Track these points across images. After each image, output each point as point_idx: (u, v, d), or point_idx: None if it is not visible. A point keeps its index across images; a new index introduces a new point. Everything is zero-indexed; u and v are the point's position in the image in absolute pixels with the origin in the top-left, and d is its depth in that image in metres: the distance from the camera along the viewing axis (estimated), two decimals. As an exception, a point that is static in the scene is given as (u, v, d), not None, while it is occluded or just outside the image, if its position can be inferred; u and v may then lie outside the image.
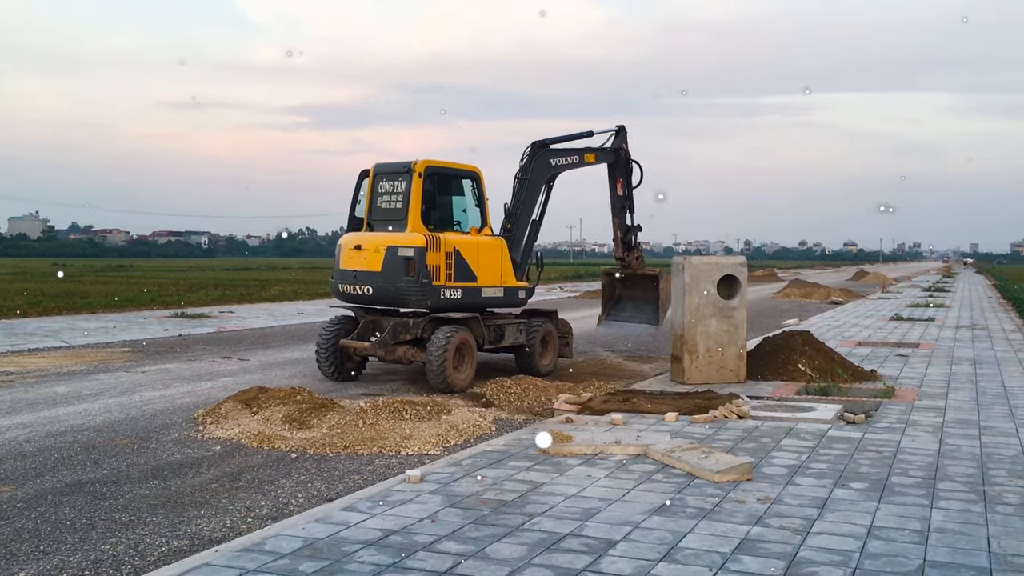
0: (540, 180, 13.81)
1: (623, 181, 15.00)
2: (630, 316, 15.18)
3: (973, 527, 5.62)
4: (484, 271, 12.64)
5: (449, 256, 12.12)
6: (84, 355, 15.70)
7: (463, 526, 5.58)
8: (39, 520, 6.27)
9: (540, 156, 13.65)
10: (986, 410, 9.90)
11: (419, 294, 11.90)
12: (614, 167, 15.01)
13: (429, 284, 11.88)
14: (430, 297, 11.96)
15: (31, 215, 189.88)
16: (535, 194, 13.71)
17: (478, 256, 12.57)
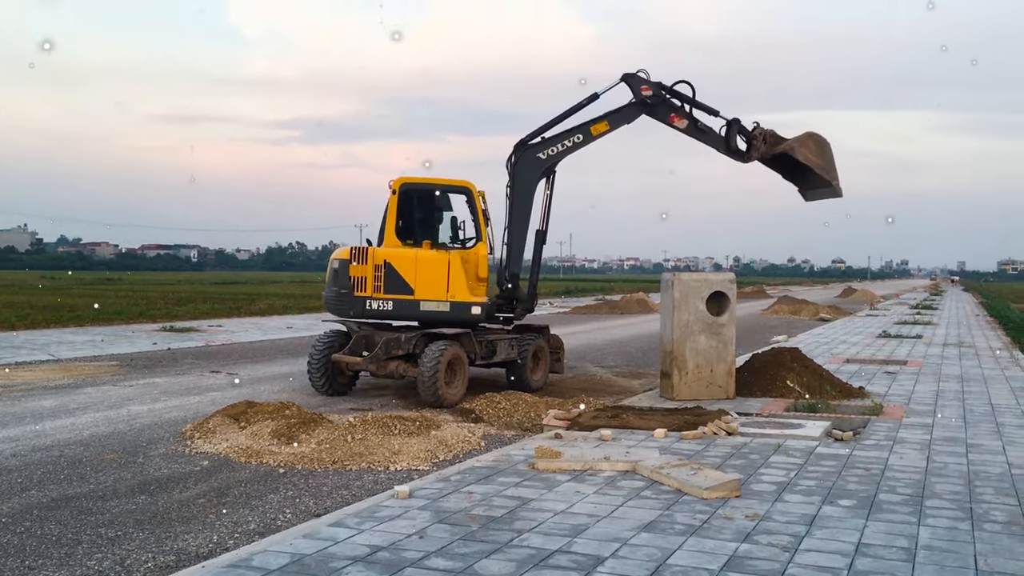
0: (530, 182, 13.07)
1: (676, 115, 13.09)
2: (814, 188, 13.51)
3: (960, 545, 5.64)
4: (423, 285, 12.59)
5: (378, 269, 12.52)
6: (71, 369, 15.62)
7: (452, 542, 5.56)
8: (24, 535, 6.22)
9: (523, 156, 13.01)
10: (973, 427, 9.94)
11: (340, 303, 12.68)
12: (655, 111, 13.12)
13: (350, 294, 12.53)
14: (352, 307, 12.60)
15: (19, 228, 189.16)
16: (526, 200, 13.09)
17: (415, 270, 12.61)
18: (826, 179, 12.93)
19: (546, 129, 13.01)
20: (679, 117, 13.10)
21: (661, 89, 13.02)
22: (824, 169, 12.93)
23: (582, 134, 12.98)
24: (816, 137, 13.07)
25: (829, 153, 13.05)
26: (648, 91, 12.97)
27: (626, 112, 13.08)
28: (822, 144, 13.03)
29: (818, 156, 12.91)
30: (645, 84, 13.03)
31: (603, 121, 13.01)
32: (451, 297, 12.61)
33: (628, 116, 13.09)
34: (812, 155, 12.86)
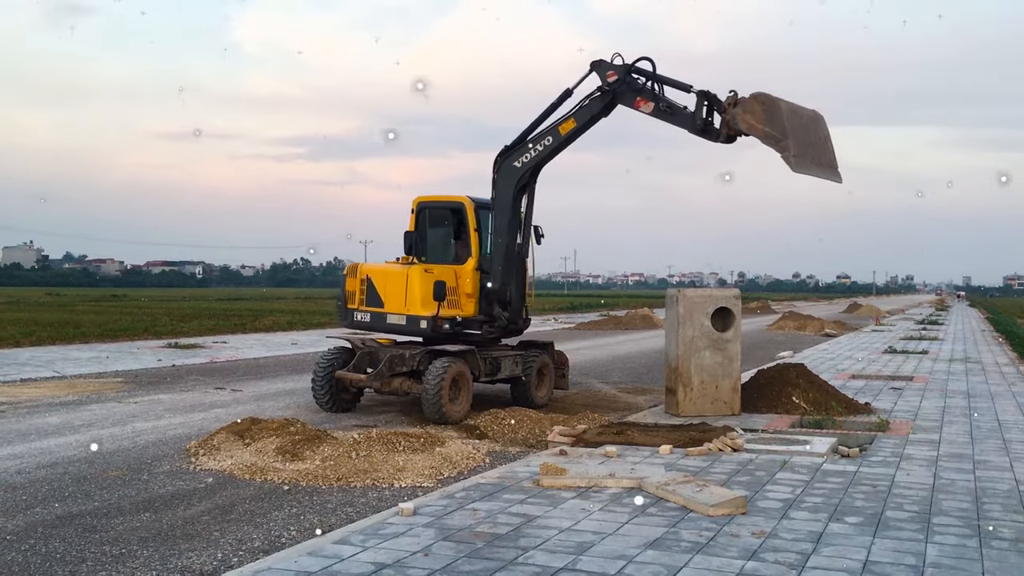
0: (507, 194, 12.67)
1: (642, 98, 12.00)
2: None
3: (968, 562, 5.60)
4: (390, 298, 12.85)
5: (363, 283, 13.11)
6: (76, 385, 15.63)
7: (456, 559, 5.54)
8: (29, 552, 6.21)
9: (502, 166, 12.69)
10: (980, 444, 9.90)
11: (339, 314, 13.57)
12: (621, 96, 12.13)
13: (343, 306, 13.38)
14: (344, 318, 13.39)
15: (25, 244, 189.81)
16: (504, 212, 12.72)
17: (385, 284, 12.90)
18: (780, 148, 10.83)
19: (527, 134, 12.60)
20: (644, 100, 11.94)
21: (627, 72, 12.03)
22: (772, 137, 10.87)
23: (552, 136, 12.38)
24: (761, 98, 11.07)
25: (780, 117, 10.85)
26: (613, 76, 12.00)
27: (591, 104, 12.22)
28: (769, 106, 10.94)
29: (765, 122, 10.93)
30: (611, 69, 12.09)
31: (570, 118, 12.29)
32: (408, 310, 12.66)
33: (592, 108, 12.22)
34: (757, 121, 10.97)
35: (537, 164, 12.59)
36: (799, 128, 10.98)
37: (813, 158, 11.12)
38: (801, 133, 10.98)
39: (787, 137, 10.72)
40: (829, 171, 11.37)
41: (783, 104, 10.95)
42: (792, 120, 10.94)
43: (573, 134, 12.34)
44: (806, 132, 11.12)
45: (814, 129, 11.27)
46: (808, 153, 11.06)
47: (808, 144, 11.04)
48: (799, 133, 10.93)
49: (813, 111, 11.44)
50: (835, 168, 11.43)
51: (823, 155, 11.28)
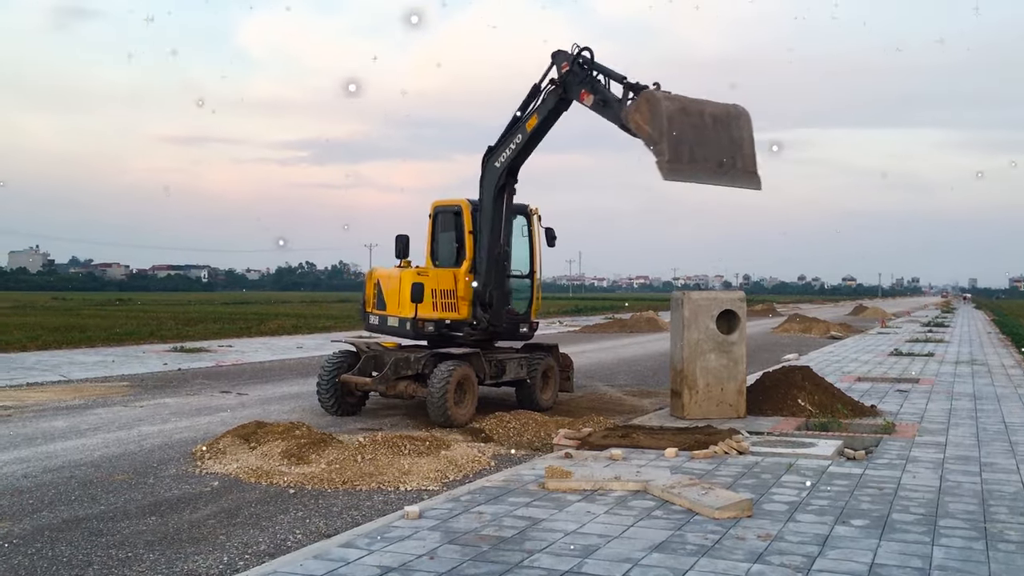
0: (488, 195, 12.66)
1: (586, 90, 11.53)
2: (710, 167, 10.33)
3: (975, 565, 5.59)
4: (390, 301, 13.08)
5: (375, 287, 13.40)
6: (82, 389, 15.67)
7: (462, 563, 5.54)
8: (35, 556, 6.23)
9: (486, 167, 12.69)
10: (987, 446, 9.87)
11: (361, 317, 13.89)
12: (571, 89, 11.72)
13: (362, 309, 13.77)
14: (363, 320, 13.74)
15: (31, 249, 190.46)
16: (486, 213, 12.69)
17: (387, 287, 13.12)
18: (656, 152, 9.78)
19: (507, 133, 12.49)
20: (587, 92, 11.45)
21: (573, 61, 11.59)
22: (651, 139, 9.98)
23: (520, 133, 12.23)
24: (647, 95, 10.20)
25: (660, 118, 9.88)
26: (566, 68, 11.60)
27: (547, 99, 11.95)
28: (653, 104, 10.02)
29: (649, 122, 10.05)
30: (565, 60, 11.67)
31: (533, 114, 12.07)
32: (400, 312, 12.84)
33: (548, 103, 11.94)
34: (643, 121, 10.14)
35: (512, 163, 12.47)
36: (689, 129, 9.99)
37: (710, 163, 10.02)
38: (693, 135, 9.99)
39: (661, 140, 9.84)
40: (733, 177, 10.17)
41: (665, 104, 10.02)
42: (678, 122, 9.99)
43: (537, 130, 12.15)
44: (702, 134, 10.08)
45: (720, 130, 10.14)
46: (700, 157, 10.01)
47: (705, 147, 10.00)
48: (688, 135, 9.95)
49: (728, 109, 10.27)
50: (746, 172, 10.18)
51: (732, 159, 10.13)
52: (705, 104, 10.10)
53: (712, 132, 10.02)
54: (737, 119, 10.07)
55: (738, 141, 10.04)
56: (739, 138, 10.04)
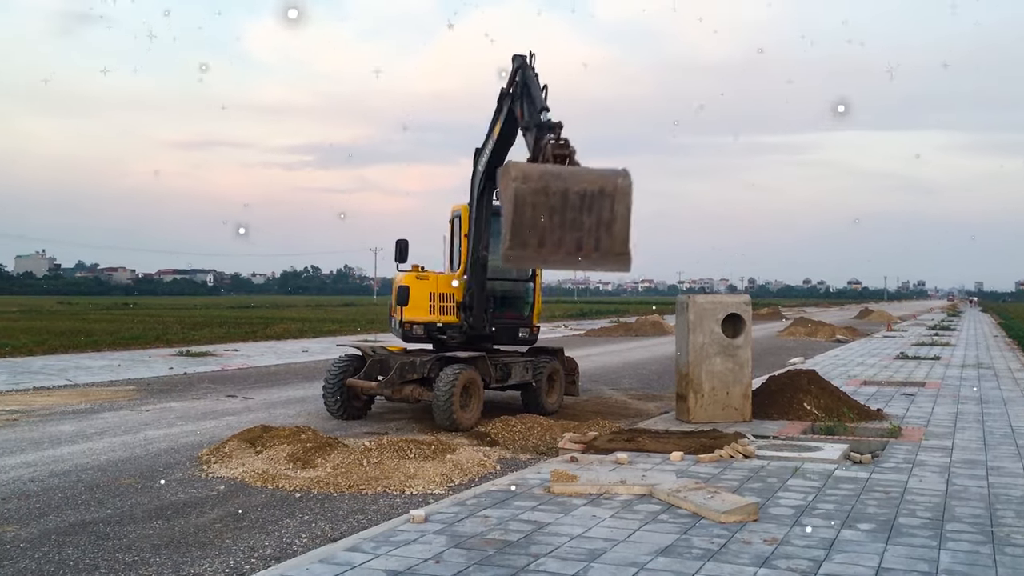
0: (472, 198, 12.70)
1: (522, 109, 11.11)
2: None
3: (982, 569, 5.57)
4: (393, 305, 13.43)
5: (397, 292, 13.26)
6: (89, 393, 15.70)
7: (467, 567, 5.55)
8: (42, 560, 6.24)
9: (473, 169, 12.74)
10: (993, 450, 9.85)
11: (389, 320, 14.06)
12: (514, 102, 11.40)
13: (389, 314, 14.00)
14: (390, 323, 13.94)
15: (37, 253, 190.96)
16: (472, 217, 12.71)
17: (396, 291, 13.27)
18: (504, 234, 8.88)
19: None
20: (520, 111, 11.03)
21: (512, 79, 11.27)
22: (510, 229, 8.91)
23: (489, 137, 12.18)
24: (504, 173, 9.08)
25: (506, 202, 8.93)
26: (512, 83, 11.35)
27: (499, 105, 11.73)
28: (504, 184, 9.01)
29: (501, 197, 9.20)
30: (518, 68, 11.30)
31: (496, 121, 11.96)
32: (395, 315, 13.24)
33: (500, 109, 11.69)
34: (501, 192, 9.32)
35: (487, 168, 12.25)
36: (544, 212, 9.07)
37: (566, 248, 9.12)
38: (548, 218, 9.09)
39: (507, 223, 9.01)
40: (594, 261, 9.28)
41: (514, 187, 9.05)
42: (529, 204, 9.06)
43: (500, 135, 11.92)
44: (561, 216, 9.12)
45: (587, 211, 9.16)
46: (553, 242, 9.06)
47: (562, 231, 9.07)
48: (540, 219, 9.06)
49: (604, 184, 9.18)
50: (611, 255, 9.24)
51: (596, 241, 9.19)
52: (575, 180, 9.18)
53: (575, 213, 9.14)
54: (612, 196, 9.15)
55: (607, 221, 9.13)
56: (608, 219, 9.14)
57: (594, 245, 9.13)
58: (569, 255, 9.14)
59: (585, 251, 9.11)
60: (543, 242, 9.01)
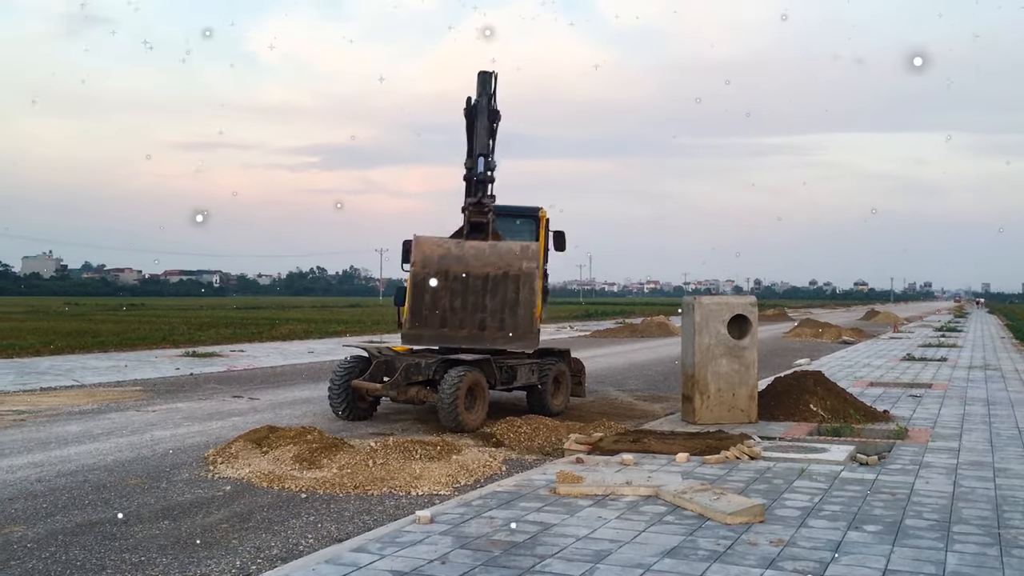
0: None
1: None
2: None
3: (989, 571, 5.56)
4: None
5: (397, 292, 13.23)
6: (95, 394, 15.74)
7: (473, 567, 5.55)
8: (49, 560, 6.26)
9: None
10: (1000, 452, 9.82)
11: None
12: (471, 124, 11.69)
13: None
14: None
15: (44, 254, 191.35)
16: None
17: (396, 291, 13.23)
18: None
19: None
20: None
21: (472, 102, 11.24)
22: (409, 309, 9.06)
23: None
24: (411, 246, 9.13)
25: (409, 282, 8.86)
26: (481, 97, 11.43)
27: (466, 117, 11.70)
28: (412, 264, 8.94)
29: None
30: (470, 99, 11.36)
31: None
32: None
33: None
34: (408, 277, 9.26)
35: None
36: (443, 294, 9.15)
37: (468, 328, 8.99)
38: (449, 300, 9.17)
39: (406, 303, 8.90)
40: (496, 340, 8.92)
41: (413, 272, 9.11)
42: (427, 288, 9.13)
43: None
44: (463, 299, 9.20)
45: (492, 294, 9.13)
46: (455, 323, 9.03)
47: (464, 312, 9.07)
48: (440, 301, 9.11)
49: (508, 269, 9.06)
50: (515, 335, 8.95)
51: (500, 321, 9.10)
52: (478, 262, 9.08)
53: (476, 296, 9.09)
54: (516, 279, 9.10)
55: (511, 303, 9.06)
56: (513, 300, 9.07)
57: (498, 326, 9.10)
58: (472, 335, 9.17)
59: (489, 331, 9.07)
60: (444, 323, 9.18)
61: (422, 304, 9.01)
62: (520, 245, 9.05)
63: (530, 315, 8.91)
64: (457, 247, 9.18)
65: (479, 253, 9.04)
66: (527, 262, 8.87)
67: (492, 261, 8.93)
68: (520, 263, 8.89)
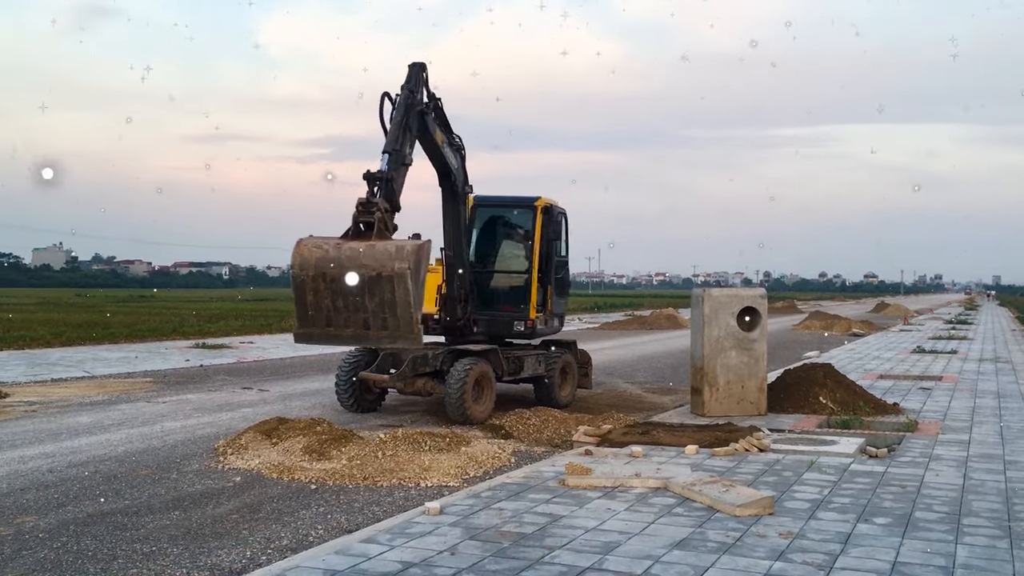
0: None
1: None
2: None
3: (999, 563, 5.54)
4: None
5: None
6: (106, 385, 15.81)
7: (483, 559, 5.56)
8: (61, 550, 6.30)
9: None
10: (1011, 444, 9.78)
11: None
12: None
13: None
14: None
15: (55, 246, 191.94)
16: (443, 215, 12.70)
17: None
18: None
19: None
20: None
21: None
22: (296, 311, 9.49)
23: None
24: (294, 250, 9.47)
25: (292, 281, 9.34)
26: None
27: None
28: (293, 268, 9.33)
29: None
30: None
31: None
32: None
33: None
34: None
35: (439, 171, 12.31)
36: (327, 296, 9.37)
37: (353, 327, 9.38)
38: (332, 301, 9.40)
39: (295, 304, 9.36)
40: (380, 339, 9.43)
41: (295, 272, 9.40)
42: (311, 288, 9.38)
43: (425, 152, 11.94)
44: (344, 300, 9.39)
45: (370, 295, 9.30)
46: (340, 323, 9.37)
47: (347, 312, 9.36)
48: (325, 301, 9.39)
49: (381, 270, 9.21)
50: (397, 334, 9.34)
51: (382, 321, 9.34)
52: (353, 264, 9.34)
53: (355, 297, 9.34)
54: (390, 280, 9.25)
55: (389, 304, 9.29)
56: (390, 301, 9.28)
57: (381, 325, 9.35)
58: (357, 334, 9.49)
59: (373, 330, 9.38)
60: (330, 322, 9.43)
61: (306, 305, 9.21)
62: (396, 245, 9.20)
63: (408, 315, 9.08)
64: (335, 249, 9.36)
65: (354, 255, 9.23)
66: (399, 263, 9.01)
67: (366, 263, 9.13)
68: (393, 264, 9.05)
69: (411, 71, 11.13)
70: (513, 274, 13.53)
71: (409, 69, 11.17)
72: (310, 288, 9.48)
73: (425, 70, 11.26)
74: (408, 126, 10.73)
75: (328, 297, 9.40)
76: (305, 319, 9.60)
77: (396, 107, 10.80)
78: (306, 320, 9.61)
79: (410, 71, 11.14)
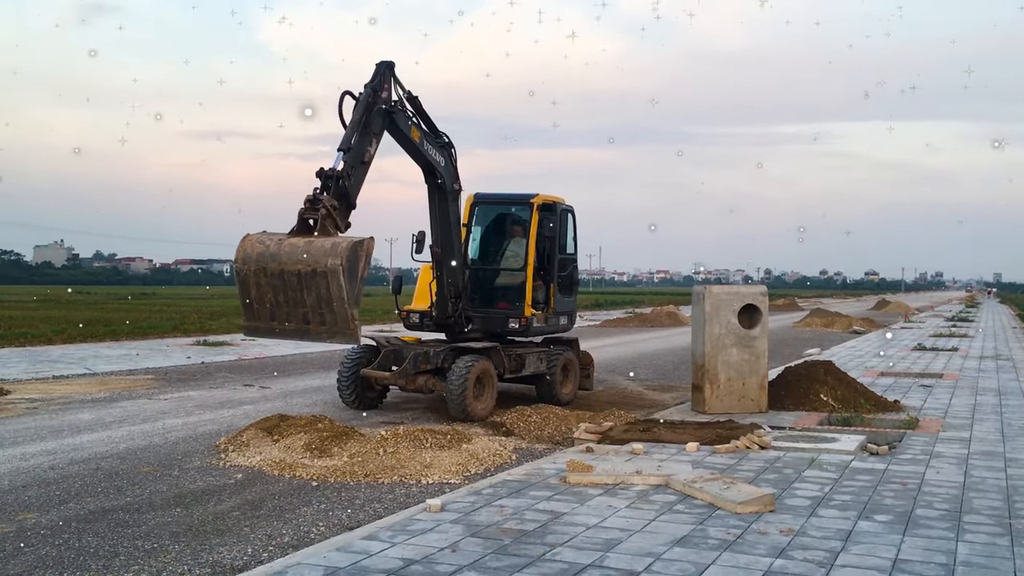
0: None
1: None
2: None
3: (1000, 561, 5.55)
4: None
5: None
6: (107, 382, 15.82)
7: (484, 556, 5.57)
8: (62, 547, 6.31)
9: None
10: (1012, 442, 9.79)
11: None
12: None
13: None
14: None
15: (56, 243, 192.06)
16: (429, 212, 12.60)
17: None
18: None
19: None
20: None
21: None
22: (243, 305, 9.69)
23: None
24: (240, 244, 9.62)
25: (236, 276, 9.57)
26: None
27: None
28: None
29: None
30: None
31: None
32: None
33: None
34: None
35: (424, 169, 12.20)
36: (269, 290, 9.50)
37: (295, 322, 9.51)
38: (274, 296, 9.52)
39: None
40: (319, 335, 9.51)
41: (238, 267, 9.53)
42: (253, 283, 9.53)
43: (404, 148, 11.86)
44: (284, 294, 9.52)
45: (306, 290, 9.39)
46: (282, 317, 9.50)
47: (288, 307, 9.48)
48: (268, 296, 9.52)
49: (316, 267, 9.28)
50: (335, 330, 9.41)
51: (320, 316, 9.44)
52: (290, 260, 9.43)
53: (294, 292, 9.46)
54: (324, 276, 9.29)
55: (326, 299, 9.36)
56: (327, 297, 9.35)
57: (320, 320, 9.50)
58: (299, 329, 9.63)
59: (313, 326, 9.53)
60: (274, 316, 9.61)
61: (251, 299, 9.39)
62: (332, 242, 9.29)
63: (344, 311, 9.20)
64: (276, 244, 9.50)
65: (293, 251, 9.37)
66: (332, 259, 9.12)
67: (303, 259, 9.26)
68: (326, 260, 9.16)
69: (377, 69, 11.04)
70: (509, 271, 13.52)
71: (376, 67, 11.07)
72: (252, 283, 9.65)
73: (393, 69, 11.15)
74: (368, 124, 10.66)
75: (270, 292, 9.58)
76: (251, 313, 9.81)
77: (356, 105, 10.77)
78: (252, 314, 9.81)
79: (376, 69, 11.05)
